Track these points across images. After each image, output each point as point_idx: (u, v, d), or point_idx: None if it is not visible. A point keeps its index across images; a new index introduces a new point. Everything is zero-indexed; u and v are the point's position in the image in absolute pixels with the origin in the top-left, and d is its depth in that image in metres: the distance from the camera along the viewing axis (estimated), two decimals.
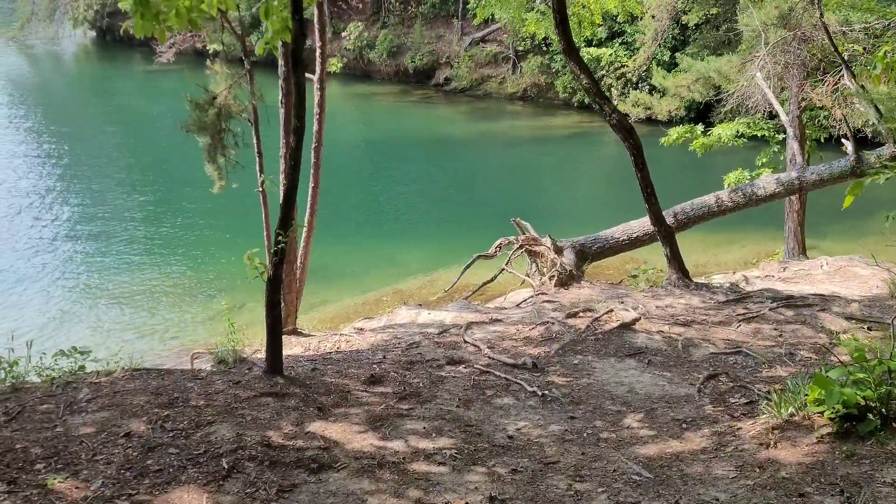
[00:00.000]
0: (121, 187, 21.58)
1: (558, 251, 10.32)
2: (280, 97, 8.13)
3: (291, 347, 8.61)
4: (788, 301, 8.32)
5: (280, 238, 5.68)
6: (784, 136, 13.83)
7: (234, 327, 8.13)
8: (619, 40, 31.39)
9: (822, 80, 11.46)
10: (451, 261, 16.10)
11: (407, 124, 31.29)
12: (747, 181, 13.39)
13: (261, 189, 8.25)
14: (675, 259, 9.18)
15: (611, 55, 30.84)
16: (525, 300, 9.37)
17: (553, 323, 7.90)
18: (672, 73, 15.92)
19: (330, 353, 7.80)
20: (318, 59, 8.95)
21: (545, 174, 24.98)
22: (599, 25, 31.73)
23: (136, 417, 4.88)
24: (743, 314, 8.10)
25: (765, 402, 5.04)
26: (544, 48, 33.52)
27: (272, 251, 5.75)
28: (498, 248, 10.28)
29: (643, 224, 10.75)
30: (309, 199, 9.42)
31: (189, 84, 8.82)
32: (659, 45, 19.05)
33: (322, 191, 9.72)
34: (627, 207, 21.11)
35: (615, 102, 31.20)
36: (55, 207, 19.23)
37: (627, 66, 30.71)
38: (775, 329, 7.62)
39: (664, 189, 22.44)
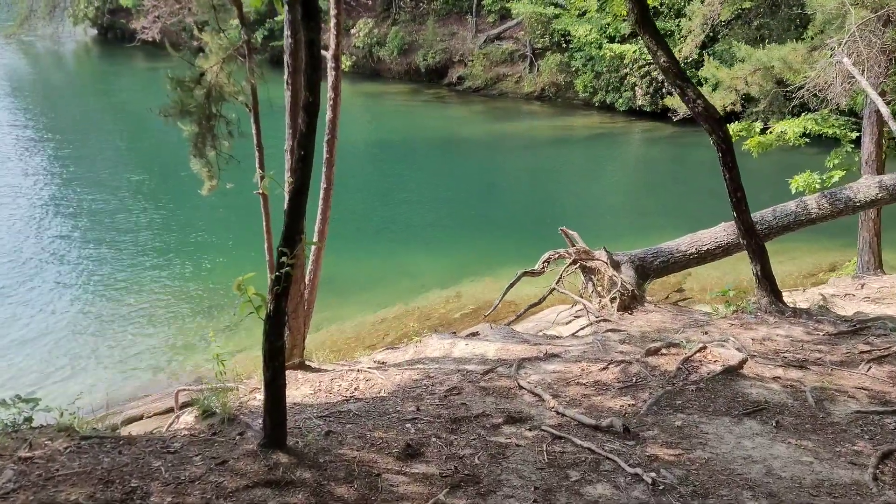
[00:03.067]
0: (117, 192, 19.90)
1: (615, 266, 8.65)
2: (286, 76, 6.47)
3: (298, 387, 6.94)
4: None
5: (284, 259, 4.03)
6: (859, 134, 12.14)
7: (225, 366, 6.52)
8: None
9: None
10: (473, 273, 14.46)
11: (419, 125, 29.65)
12: (817, 185, 11.72)
13: (260, 191, 6.59)
14: (768, 279, 7.51)
15: (635, 52, 29.13)
16: (582, 328, 7.69)
17: (629, 362, 6.21)
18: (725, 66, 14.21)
19: (348, 399, 6.13)
20: (333, 31, 7.31)
21: (570, 178, 23.32)
22: (624, 20, 30.24)
23: None
24: (867, 351, 6.42)
25: None
26: (563, 45, 31.87)
27: (273, 277, 4.09)
28: (546, 263, 8.61)
29: (714, 235, 9.08)
30: (320, 202, 7.74)
31: None
32: (708, 34, 17.32)
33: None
34: (667, 215, 19.58)
35: (640, 101, 29.92)
36: (46, 216, 17.50)
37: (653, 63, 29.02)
38: None
39: (709, 196, 20.85)
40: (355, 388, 6.71)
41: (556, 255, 8.60)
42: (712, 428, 4.90)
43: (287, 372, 7.54)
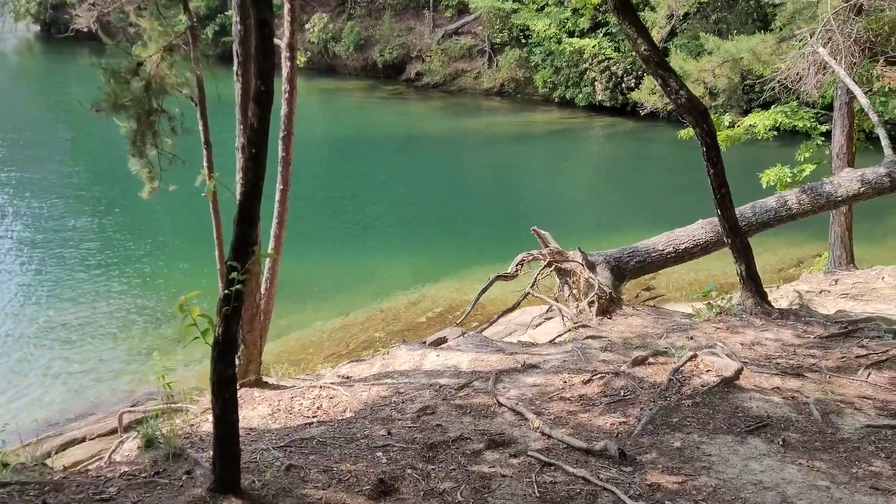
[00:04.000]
0: (61, 194, 18.88)
1: (591, 268, 8.21)
2: (235, 66, 5.85)
3: (255, 406, 6.34)
4: None
5: (235, 274, 3.47)
6: (828, 127, 11.92)
7: (171, 388, 5.92)
8: (603, 31, 29.50)
9: (889, 59, 9.54)
10: (438, 275, 13.94)
11: (378, 122, 29.01)
12: (788, 179, 11.46)
13: (209, 193, 5.97)
14: (753, 279, 7.14)
15: (594, 47, 28.91)
16: (560, 334, 7.23)
17: (615, 374, 5.76)
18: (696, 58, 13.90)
19: (310, 423, 5.57)
20: (287, 18, 6.72)
21: (533, 174, 22.93)
22: (582, 15, 30.01)
23: None
24: (864, 356, 6.06)
25: None
26: (522, 40, 31.50)
27: (223, 295, 3.52)
28: (519, 266, 8.12)
29: (692, 233, 8.69)
30: (276, 205, 7.13)
31: None
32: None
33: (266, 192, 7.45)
34: (635, 211, 19.25)
35: (600, 96, 29.69)
36: None
37: (613, 58, 28.84)
38: None
39: (677, 192, 20.59)
40: (318, 408, 6.14)
41: (530, 258, 8.12)
42: (715, 449, 4.45)
43: (242, 390, 6.95)
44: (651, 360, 5.96)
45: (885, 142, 8.29)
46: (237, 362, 6.89)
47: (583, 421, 5.10)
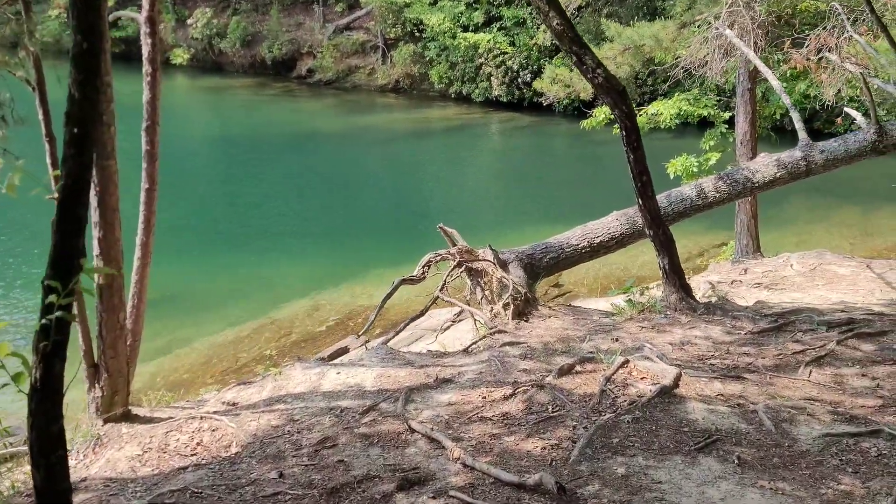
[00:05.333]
0: None
1: (503, 266, 7.57)
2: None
3: (122, 446, 5.33)
4: (851, 327, 5.94)
5: (54, 298, 2.56)
6: (732, 114, 11.76)
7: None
8: (497, 25, 29.19)
9: (795, 41, 9.36)
10: (335, 280, 13.04)
11: (268, 120, 27.67)
12: (695, 168, 11.22)
13: (11, 189, 4.91)
14: (676, 273, 6.66)
15: (489, 41, 28.54)
16: (475, 342, 6.53)
17: (540, 386, 5.09)
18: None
19: (185, 466, 4.65)
20: None
21: (433, 171, 22.28)
22: (477, 9, 29.61)
23: None
24: (801, 351, 5.63)
25: None
26: (416, 35, 30.83)
27: (39, 326, 2.60)
28: (426, 268, 7.38)
29: (607, 226, 8.19)
30: (142, 207, 6.12)
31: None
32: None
33: (163, 195, 6.45)
34: (538, 206, 18.84)
35: (496, 91, 29.39)
36: None
37: (508, 53, 28.56)
38: (864, 375, 5.19)
39: (580, 185, 20.33)
40: (198, 444, 5.21)
41: (438, 258, 7.40)
42: (664, 473, 3.84)
43: (108, 426, 5.91)
44: (578, 368, 5.33)
45: (798, 125, 8.03)
46: (99, 394, 5.87)
47: (508, 446, 4.40)
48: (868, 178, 18.21)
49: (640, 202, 6.50)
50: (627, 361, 5.14)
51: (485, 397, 5.23)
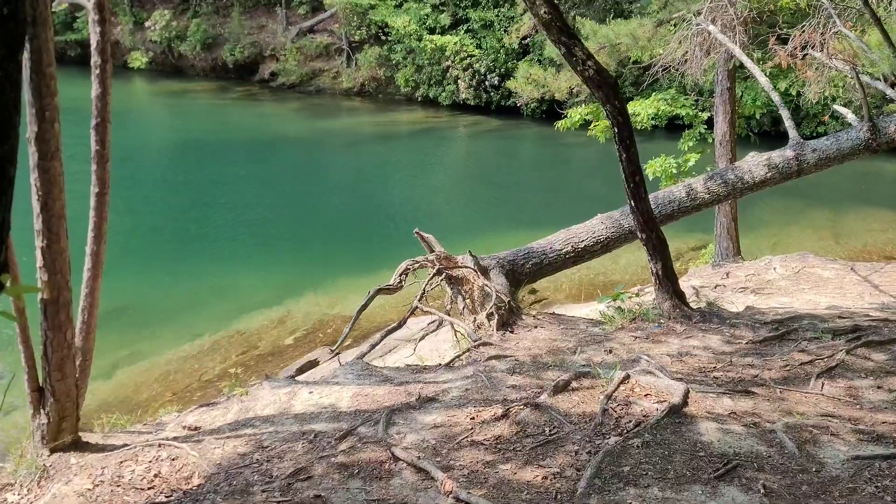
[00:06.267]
0: None
1: (484, 273, 7.13)
2: None
3: (70, 479, 4.77)
4: (858, 335, 5.60)
5: None
6: (711, 114, 11.49)
7: None
8: (464, 27, 28.83)
9: (779, 38, 9.08)
10: (302, 288, 12.49)
11: (230, 125, 26.93)
12: (674, 170, 10.92)
13: None
14: (669, 279, 6.28)
15: (456, 44, 28.17)
16: (458, 356, 6.07)
17: (534, 405, 4.66)
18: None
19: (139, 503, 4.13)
20: None
21: (401, 175, 21.80)
22: (443, 11, 29.23)
23: None
24: (808, 362, 5.27)
25: None
26: (382, 37, 30.34)
27: None
28: (403, 276, 6.90)
29: (591, 229, 7.80)
30: (92, 214, 5.56)
31: None
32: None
33: (118, 201, 5.90)
34: (511, 210, 18.45)
35: (464, 95, 29.01)
36: None
37: (475, 55, 28.21)
38: (880, 388, 4.84)
39: (556, 188, 19.99)
40: (155, 476, 4.68)
41: (416, 265, 6.92)
42: None
43: (54, 457, 5.34)
44: (574, 384, 4.90)
45: (788, 122, 7.72)
46: (44, 420, 5.29)
47: (505, 475, 3.95)
48: (835, 180, 18.18)
49: (633, 204, 6.10)
50: (628, 377, 4.73)
51: (473, 418, 4.78)
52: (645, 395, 4.58)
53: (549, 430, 4.39)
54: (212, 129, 26.12)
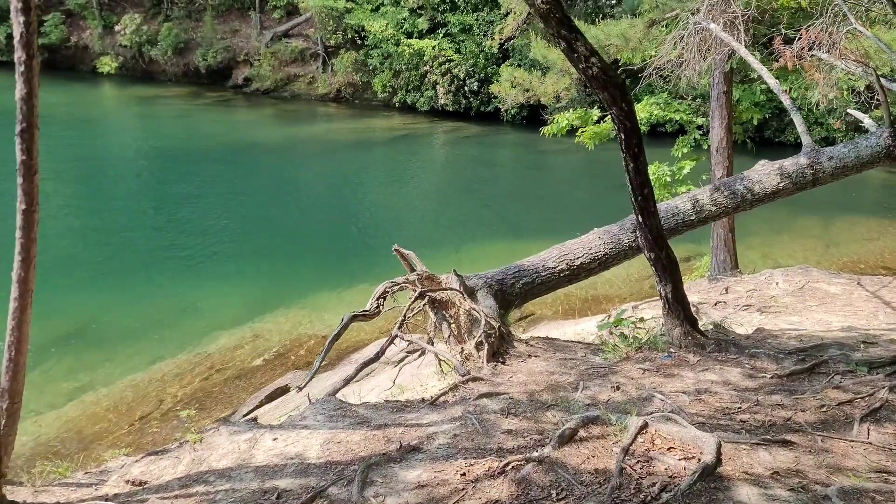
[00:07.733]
0: None
1: (470, 295, 6.42)
2: None
3: None
4: None
5: None
6: (706, 119, 10.89)
7: None
8: (443, 31, 28.18)
9: (783, 38, 8.49)
10: (275, 306, 11.71)
11: (201, 131, 26.03)
12: (668, 178, 10.29)
13: None
14: (681, 303, 5.62)
15: (434, 48, 27.51)
16: (444, 392, 5.34)
17: (537, 460, 3.95)
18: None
19: None
20: None
21: (378, 185, 21.07)
22: (421, 15, 28.55)
23: None
24: (847, 402, 4.61)
25: None
26: (358, 42, 29.61)
27: None
28: (381, 300, 6.17)
29: (588, 245, 7.12)
30: (18, 233, 4.76)
31: None
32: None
33: (80, 213, 5.11)
34: (494, 217, 17.76)
35: (442, 101, 28.34)
36: None
37: (454, 60, 27.57)
38: None
39: (539, 196, 19.27)
40: None
41: (396, 287, 6.19)
42: None
43: None
44: (582, 432, 4.20)
45: (801, 128, 7.11)
46: None
47: None
48: (822, 187, 17.72)
49: (640, 219, 5.43)
50: (647, 425, 4.04)
51: (464, 474, 4.06)
52: (668, 449, 3.89)
53: (557, 494, 3.68)
54: (182, 137, 25.22)
